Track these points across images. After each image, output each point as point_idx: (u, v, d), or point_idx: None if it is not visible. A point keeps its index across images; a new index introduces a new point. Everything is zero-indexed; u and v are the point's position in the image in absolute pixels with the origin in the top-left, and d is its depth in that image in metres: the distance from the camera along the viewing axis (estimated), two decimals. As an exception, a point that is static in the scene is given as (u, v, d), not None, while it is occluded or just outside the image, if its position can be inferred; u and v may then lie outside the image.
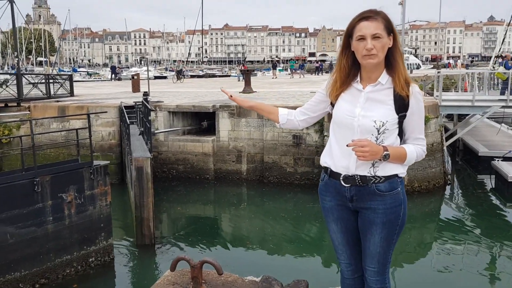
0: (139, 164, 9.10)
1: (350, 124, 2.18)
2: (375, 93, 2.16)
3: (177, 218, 12.19)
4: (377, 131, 2.14)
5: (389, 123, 2.13)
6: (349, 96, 2.23)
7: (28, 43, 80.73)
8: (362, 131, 2.15)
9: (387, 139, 2.16)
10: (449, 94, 16.59)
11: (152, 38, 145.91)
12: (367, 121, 2.14)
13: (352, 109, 2.19)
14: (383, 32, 2.07)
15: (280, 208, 12.33)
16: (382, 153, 2.12)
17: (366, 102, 2.17)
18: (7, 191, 7.22)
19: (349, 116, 2.18)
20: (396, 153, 2.17)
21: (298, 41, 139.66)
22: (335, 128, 2.28)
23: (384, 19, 2.09)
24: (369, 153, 2.07)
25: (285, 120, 2.46)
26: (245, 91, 19.20)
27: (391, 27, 2.11)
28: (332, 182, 2.30)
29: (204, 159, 14.48)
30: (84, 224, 8.28)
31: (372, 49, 2.06)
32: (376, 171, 2.19)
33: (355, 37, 2.10)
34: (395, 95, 2.14)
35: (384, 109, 2.14)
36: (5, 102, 15.92)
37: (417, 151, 2.23)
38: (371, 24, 2.06)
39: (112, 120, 14.54)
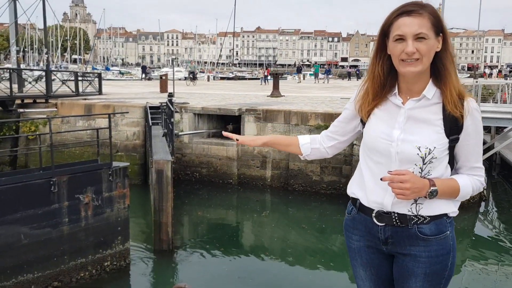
0: (159, 167, 8.84)
1: (386, 151, 1.72)
2: (418, 110, 1.70)
3: (197, 223, 11.90)
4: (422, 161, 1.68)
5: (437, 150, 1.67)
6: (384, 113, 1.77)
7: (63, 41, 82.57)
8: (402, 160, 1.70)
9: (434, 170, 1.71)
10: (487, 105, 15.78)
11: (184, 39, 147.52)
12: (409, 147, 1.68)
13: (388, 130, 1.73)
14: (429, 32, 1.61)
15: (304, 218, 11.88)
16: (428, 190, 1.67)
17: (407, 122, 1.71)
18: (23, 190, 7.04)
19: (384, 140, 1.73)
20: (447, 188, 1.71)
21: (330, 45, 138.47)
22: (367, 154, 1.82)
23: (432, 15, 1.63)
24: (410, 191, 1.63)
25: (309, 151, 2.01)
26: (273, 95, 18.82)
27: (441, 25, 1.65)
28: (361, 218, 1.84)
29: (228, 163, 14.16)
30: (100, 227, 8.05)
31: (414, 53, 1.60)
32: (420, 210, 1.73)
33: (392, 36, 1.64)
34: (446, 113, 1.67)
35: (430, 131, 1.68)
36: (34, 98, 16.02)
37: (474, 184, 1.76)
38: (414, 20, 1.60)
39: (137, 120, 14.40)
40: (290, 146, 2.03)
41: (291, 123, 13.51)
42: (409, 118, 1.71)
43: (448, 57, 1.68)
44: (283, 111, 13.75)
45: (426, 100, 1.69)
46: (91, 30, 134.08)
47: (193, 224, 11.89)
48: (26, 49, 76.34)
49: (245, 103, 15.91)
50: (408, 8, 1.63)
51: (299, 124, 13.40)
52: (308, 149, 2.01)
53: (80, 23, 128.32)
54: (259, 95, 20.06)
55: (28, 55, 77.09)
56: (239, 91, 23.90)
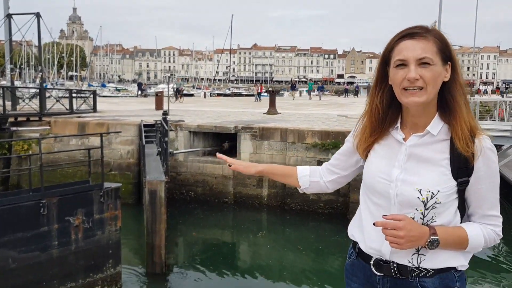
0: (152, 188, 8.63)
1: (385, 192, 1.53)
2: (421, 147, 1.50)
3: (192, 244, 11.64)
4: (424, 206, 1.47)
5: (442, 194, 1.45)
6: (385, 150, 1.58)
7: (60, 58, 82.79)
8: (401, 203, 1.49)
9: (440, 217, 1.49)
10: (485, 122, 15.69)
11: (181, 56, 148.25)
12: (409, 189, 1.47)
13: (388, 169, 1.53)
14: (435, 57, 1.42)
15: (301, 238, 11.65)
16: (427, 239, 1.45)
17: (409, 160, 1.51)
18: (12, 212, 6.84)
19: (383, 180, 1.53)
20: (451, 238, 1.48)
21: (326, 62, 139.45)
22: (367, 193, 1.62)
23: (439, 39, 1.44)
24: (404, 239, 1.42)
25: (308, 184, 1.83)
26: (270, 112, 18.71)
27: (449, 52, 1.46)
28: (360, 265, 1.65)
29: (224, 181, 13.95)
30: (91, 250, 7.81)
31: (418, 80, 1.41)
32: (421, 261, 1.52)
33: (393, 62, 1.46)
34: (454, 152, 1.46)
35: (434, 172, 1.47)
36: (27, 116, 15.84)
37: (487, 234, 1.52)
38: (417, 43, 1.42)
39: (132, 139, 14.22)
40: (287, 177, 1.87)
41: (287, 141, 13.36)
42: (411, 156, 1.51)
43: (458, 88, 1.47)
44: (279, 128, 13.62)
45: (430, 136, 1.50)
46: (88, 47, 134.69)
47: (188, 245, 11.63)
48: (23, 66, 76.47)
49: (241, 120, 15.78)
50: (411, 30, 1.45)
51: (296, 142, 13.25)
52: (306, 182, 1.83)
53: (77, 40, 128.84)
54: (256, 112, 19.96)
55: (24, 72, 77.16)
56: (236, 108, 23.80)
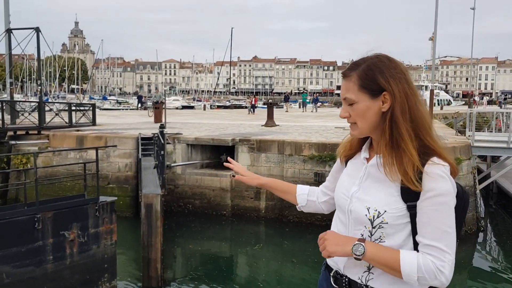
0: (148, 201, 8.64)
1: (344, 207, 1.61)
2: (377, 168, 1.54)
3: (189, 257, 11.60)
4: (371, 223, 1.50)
5: (389, 215, 1.47)
6: (352, 168, 1.67)
7: (61, 71, 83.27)
8: (354, 219, 1.56)
9: (388, 238, 1.49)
10: (482, 134, 15.73)
11: (182, 69, 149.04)
12: (360, 206, 1.53)
13: (349, 186, 1.62)
14: (356, 95, 1.51)
15: (299, 251, 11.61)
16: (351, 246, 1.48)
17: (367, 179, 1.58)
18: (6, 227, 6.84)
19: (344, 196, 1.62)
20: (381, 253, 1.47)
21: (326, 74, 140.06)
22: (336, 209, 1.71)
23: (361, 75, 1.49)
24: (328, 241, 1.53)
25: (305, 202, 1.93)
26: (268, 124, 18.75)
27: (378, 84, 1.47)
28: (326, 275, 1.72)
29: (222, 194, 13.95)
30: (86, 264, 7.80)
31: (347, 117, 1.57)
32: (369, 280, 1.54)
33: None
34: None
35: (384, 193, 1.49)
36: (26, 130, 15.90)
37: (423, 263, 1.41)
38: (344, 84, 1.57)
39: (130, 152, 14.25)
40: (286, 194, 1.97)
41: (285, 153, 13.38)
42: (369, 175, 1.57)
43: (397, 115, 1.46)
44: (276, 141, 13.64)
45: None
46: (89, 60, 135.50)
47: (185, 258, 11.59)
48: (24, 79, 76.92)
49: (239, 133, 15.81)
50: (345, 70, 1.59)
51: (293, 154, 13.27)
52: (304, 200, 1.93)
53: (79, 53, 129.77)
54: (254, 125, 20.01)
55: (26, 86, 77.57)
56: (234, 121, 23.86)
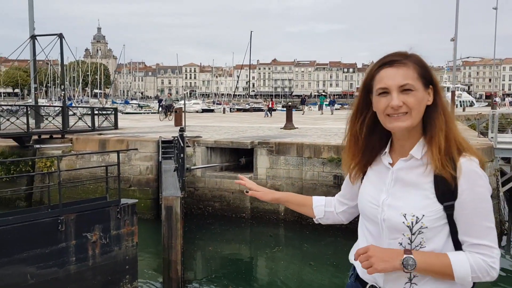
0: (168, 203, 8.75)
1: (374, 217, 1.54)
2: (406, 171, 1.50)
3: (209, 259, 11.68)
4: (410, 230, 1.45)
5: (427, 219, 1.43)
6: (375, 175, 1.59)
7: (85, 76, 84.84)
8: (389, 228, 1.50)
9: (429, 242, 1.46)
10: (506, 135, 15.43)
11: (202, 72, 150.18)
12: (394, 214, 1.48)
13: (377, 194, 1.55)
14: (416, 83, 1.44)
15: (319, 254, 11.57)
16: (401, 258, 1.42)
17: (395, 184, 1.51)
18: (30, 229, 7.02)
19: (372, 205, 1.55)
20: (431, 262, 1.43)
21: (346, 76, 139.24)
22: (362, 219, 1.65)
23: (418, 64, 1.46)
24: (374, 258, 1.43)
25: (323, 213, 1.83)
26: (287, 127, 18.77)
27: (430, 76, 1.47)
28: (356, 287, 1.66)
29: (241, 197, 14.00)
30: (108, 266, 7.94)
31: (401, 107, 1.43)
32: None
33: (375, 90, 1.48)
34: (436, 175, 1.44)
35: (418, 196, 1.46)
36: (51, 134, 16.27)
37: (475, 263, 1.42)
38: (397, 71, 1.44)
39: (150, 155, 14.44)
40: (302, 207, 1.87)
41: (303, 155, 13.37)
42: (397, 180, 1.52)
43: (438, 111, 1.48)
44: (295, 143, 13.65)
45: (415, 160, 1.49)
46: (111, 65, 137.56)
47: (205, 260, 11.68)
48: (49, 84, 78.60)
49: (257, 135, 15.87)
50: (389, 58, 1.47)
51: (312, 157, 13.25)
52: (321, 211, 1.83)
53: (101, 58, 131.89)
54: (273, 127, 20.04)
55: (50, 90, 79.26)
56: (253, 123, 23.94)
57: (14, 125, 15.28)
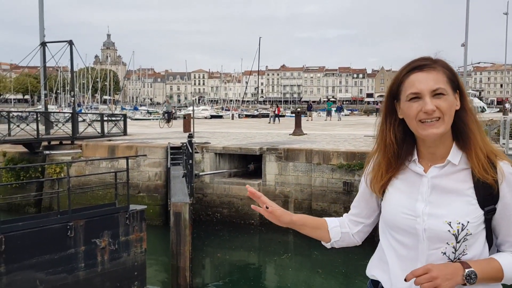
0: (177, 210, 8.74)
1: (411, 228, 1.47)
2: (444, 178, 1.46)
3: (217, 265, 11.64)
4: (455, 238, 1.42)
5: (472, 225, 1.42)
6: (404, 184, 1.52)
7: (94, 82, 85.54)
8: (431, 239, 1.44)
9: (470, 249, 1.44)
10: (518, 141, 15.20)
11: (210, 79, 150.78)
12: (438, 223, 1.43)
13: (411, 204, 1.48)
14: (447, 87, 1.41)
15: (329, 261, 11.46)
16: (464, 274, 1.39)
17: (432, 192, 1.46)
18: (40, 235, 7.04)
19: (407, 216, 1.47)
20: (486, 270, 1.42)
21: (355, 81, 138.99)
22: (389, 232, 1.55)
23: (446, 68, 1.44)
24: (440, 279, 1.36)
25: (339, 235, 1.70)
26: (295, 133, 18.72)
27: (457, 80, 1.45)
28: None
29: (250, 203, 13.63)
30: (117, 272, 7.94)
31: (435, 111, 1.39)
32: None
33: (405, 96, 1.44)
34: (476, 180, 1.43)
35: (461, 203, 1.43)
36: (60, 140, 16.38)
37: None
38: (428, 75, 1.41)
39: (159, 161, 14.47)
40: (318, 230, 1.70)
41: (312, 162, 13.31)
42: (434, 188, 1.46)
43: (469, 115, 1.46)
44: (304, 150, 13.59)
45: (451, 166, 1.46)
46: (121, 72, 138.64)
47: (213, 266, 11.63)
48: (59, 91, 79.34)
49: (266, 142, 15.84)
50: (419, 63, 1.44)
51: (321, 163, 13.18)
52: (338, 233, 1.70)
53: (111, 65, 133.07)
54: (281, 133, 20.01)
55: (60, 97, 80.00)
56: (262, 129, 23.93)
57: (24, 131, 15.41)
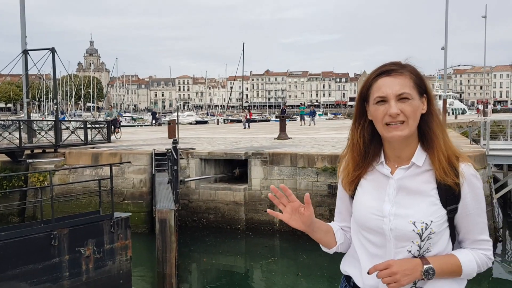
0: (162, 216, 8.71)
1: (378, 228, 1.53)
2: (409, 179, 1.52)
3: (204, 271, 11.60)
4: (420, 237, 1.49)
5: (435, 224, 1.48)
6: (372, 185, 1.59)
7: (78, 89, 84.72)
8: (397, 238, 1.51)
9: (434, 246, 1.51)
10: (498, 142, 15.54)
11: (195, 84, 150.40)
12: (403, 223, 1.49)
13: (378, 204, 1.54)
14: (412, 91, 1.47)
15: (315, 264, 11.51)
16: (422, 269, 1.47)
17: (398, 193, 1.53)
18: (23, 245, 6.96)
19: (375, 216, 1.54)
20: (445, 266, 1.50)
21: (338, 86, 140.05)
22: (359, 231, 1.62)
23: (413, 73, 1.50)
24: (399, 274, 1.45)
25: (343, 238, 1.73)
26: (280, 137, 18.80)
27: (424, 85, 1.51)
28: None
29: (236, 208, 13.97)
30: (102, 280, 7.87)
31: (399, 115, 1.45)
32: None
33: (373, 99, 1.50)
34: (439, 181, 1.50)
35: (425, 203, 1.50)
36: (43, 148, 16.19)
37: (479, 259, 1.55)
38: (395, 80, 1.47)
39: (144, 167, 14.40)
40: (328, 233, 1.71)
41: (297, 166, 13.38)
42: (400, 189, 1.53)
43: (434, 119, 1.53)
44: (289, 154, 13.67)
45: (416, 167, 1.52)
46: (104, 79, 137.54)
47: (200, 272, 11.60)
48: (42, 98, 78.39)
49: (251, 146, 15.88)
50: (387, 67, 1.51)
51: (306, 166, 13.26)
52: (342, 235, 1.73)
53: (94, 72, 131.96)
54: (266, 138, 20.07)
55: (43, 104, 79.05)
56: (247, 134, 23.96)
57: (6, 140, 15.19)
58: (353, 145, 1.61)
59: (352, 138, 1.62)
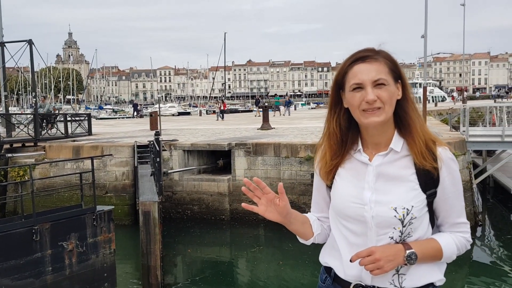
0: (146, 208, 8.66)
1: (360, 216, 1.52)
2: (388, 165, 1.52)
3: (189, 262, 11.61)
4: (401, 223, 1.48)
5: (416, 209, 1.49)
6: (351, 173, 1.57)
7: (57, 82, 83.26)
8: (378, 225, 1.50)
9: (416, 231, 1.52)
10: (477, 129, 15.81)
11: (177, 75, 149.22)
12: (384, 209, 1.49)
13: (358, 192, 1.53)
14: (388, 77, 1.46)
15: (300, 252, 11.60)
16: (404, 254, 1.48)
17: (378, 180, 1.52)
18: (4, 240, 6.85)
19: (355, 204, 1.53)
20: (426, 250, 1.51)
21: (320, 75, 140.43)
22: (339, 220, 1.60)
23: (388, 59, 1.49)
24: (383, 261, 1.45)
25: (320, 228, 1.70)
26: (263, 127, 18.81)
27: (399, 71, 1.51)
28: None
29: (220, 199, 13.97)
30: (86, 274, 7.81)
31: (376, 101, 1.44)
32: (403, 281, 1.53)
33: (349, 86, 1.48)
34: (418, 166, 1.50)
35: (405, 188, 1.49)
36: (23, 142, 15.91)
37: (458, 242, 1.57)
38: (370, 66, 1.46)
39: (126, 160, 14.27)
40: (305, 224, 1.68)
41: (281, 155, 13.42)
42: (379, 176, 1.52)
43: (410, 104, 1.52)
44: (272, 144, 13.69)
45: (394, 153, 1.52)
46: (84, 71, 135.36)
47: (185, 264, 11.60)
48: (20, 92, 76.87)
49: (235, 137, 15.85)
50: (361, 54, 1.49)
51: (289, 156, 13.32)
52: (319, 226, 1.70)
53: (73, 64, 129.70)
54: (249, 128, 20.06)
55: (22, 98, 77.55)
56: (230, 125, 23.91)
57: (-16, 135, 14.90)
58: (329, 134, 1.59)
59: (328, 126, 1.60)
